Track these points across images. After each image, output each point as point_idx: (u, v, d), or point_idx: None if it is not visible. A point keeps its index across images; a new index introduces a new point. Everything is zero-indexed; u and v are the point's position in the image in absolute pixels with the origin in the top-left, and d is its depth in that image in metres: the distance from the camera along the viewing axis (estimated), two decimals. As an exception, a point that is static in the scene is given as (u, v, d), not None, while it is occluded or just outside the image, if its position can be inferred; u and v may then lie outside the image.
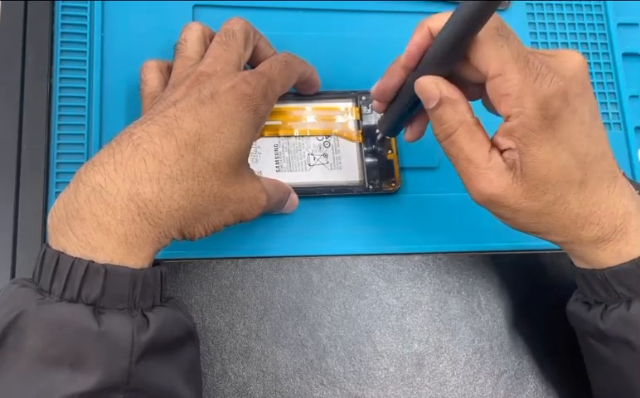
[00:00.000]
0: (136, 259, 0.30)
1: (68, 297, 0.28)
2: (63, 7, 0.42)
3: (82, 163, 0.39)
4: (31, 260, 0.37)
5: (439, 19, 0.32)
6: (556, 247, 0.35)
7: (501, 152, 0.32)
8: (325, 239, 0.42)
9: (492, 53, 0.31)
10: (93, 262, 0.28)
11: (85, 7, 0.43)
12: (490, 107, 0.35)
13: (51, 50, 0.41)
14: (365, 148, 0.43)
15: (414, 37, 0.33)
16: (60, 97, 0.41)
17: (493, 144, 0.33)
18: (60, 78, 0.41)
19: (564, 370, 0.42)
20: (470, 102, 0.34)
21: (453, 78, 0.33)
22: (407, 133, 0.38)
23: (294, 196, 0.41)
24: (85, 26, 0.42)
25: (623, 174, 0.35)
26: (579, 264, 0.36)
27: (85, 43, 0.42)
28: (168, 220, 0.31)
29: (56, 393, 0.27)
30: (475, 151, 0.32)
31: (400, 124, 0.38)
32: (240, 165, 0.33)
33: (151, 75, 0.38)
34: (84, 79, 0.41)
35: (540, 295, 0.43)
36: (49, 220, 0.30)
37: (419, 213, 0.43)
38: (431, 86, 0.32)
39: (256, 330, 0.39)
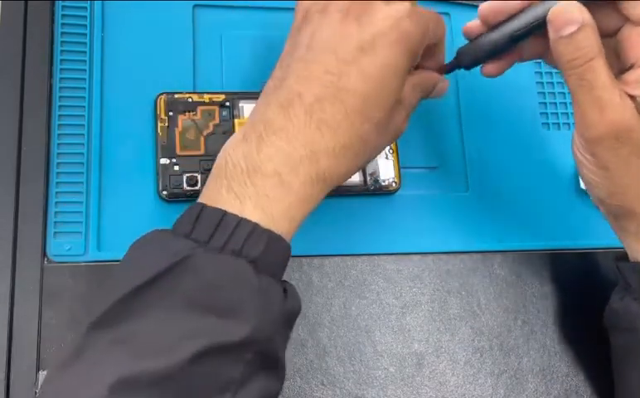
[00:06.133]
0: (295, 224, 0.31)
1: (231, 249, 0.29)
2: (63, 7, 0.42)
3: (82, 165, 0.39)
4: (32, 261, 0.37)
5: None
6: (558, 247, 0.35)
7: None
8: (325, 239, 0.42)
9: None
10: (258, 225, 0.29)
11: (85, 7, 0.42)
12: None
13: (51, 51, 0.41)
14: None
15: None
16: (60, 97, 0.40)
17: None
18: (60, 78, 0.41)
19: (564, 370, 0.42)
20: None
21: None
22: (491, 67, 0.37)
23: (443, 84, 0.37)
24: (85, 26, 0.42)
25: None
26: (636, 256, 0.36)
27: (85, 43, 0.42)
28: (334, 184, 0.32)
29: (206, 337, 0.27)
30: (612, 78, 0.32)
31: (495, 54, 0.36)
32: (393, 111, 0.33)
33: None
34: (85, 79, 0.41)
35: (541, 295, 0.43)
36: (219, 162, 0.31)
37: (419, 213, 0.43)
38: (574, 9, 0.32)
39: (256, 330, 0.39)
